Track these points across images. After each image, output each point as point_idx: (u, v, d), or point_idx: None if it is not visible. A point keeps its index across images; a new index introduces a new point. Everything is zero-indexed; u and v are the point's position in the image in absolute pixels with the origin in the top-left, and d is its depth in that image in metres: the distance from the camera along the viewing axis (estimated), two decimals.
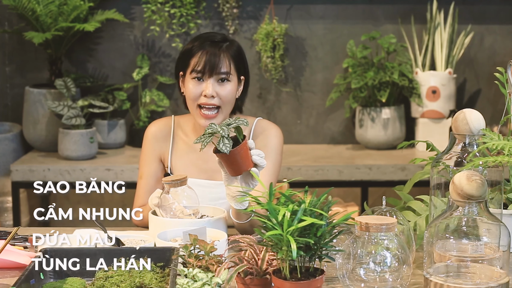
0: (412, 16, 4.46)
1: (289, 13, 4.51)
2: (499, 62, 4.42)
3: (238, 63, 2.65)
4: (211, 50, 2.60)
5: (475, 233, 1.90)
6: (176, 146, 2.74)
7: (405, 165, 4.11)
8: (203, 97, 2.60)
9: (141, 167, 2.76)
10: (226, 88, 2.61)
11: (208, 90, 2.59)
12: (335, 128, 4.60)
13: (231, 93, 2.62)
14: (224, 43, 2.63)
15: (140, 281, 1.97)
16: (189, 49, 2.64)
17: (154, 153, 2.75)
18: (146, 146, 2.76)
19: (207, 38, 2.65)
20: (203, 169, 2.71)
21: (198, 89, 2.61)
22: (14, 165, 4.12)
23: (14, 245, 2.35)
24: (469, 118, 2.14)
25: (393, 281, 1.88)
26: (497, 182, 2.15)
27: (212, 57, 2.59)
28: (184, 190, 2.44)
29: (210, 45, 2.62)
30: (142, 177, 2.74)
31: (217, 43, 2.63)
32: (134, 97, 4.52)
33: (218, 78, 2.60)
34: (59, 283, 2.00)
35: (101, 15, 4.34)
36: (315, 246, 1.81)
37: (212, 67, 2.59)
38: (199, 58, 2.60)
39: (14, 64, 4.55)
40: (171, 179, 2.42)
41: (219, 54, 2.60)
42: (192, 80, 2.62)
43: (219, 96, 2.60)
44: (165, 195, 2.45)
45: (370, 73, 4.26)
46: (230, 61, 2.61)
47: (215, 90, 2.59)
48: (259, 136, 2.72)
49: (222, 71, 2.60)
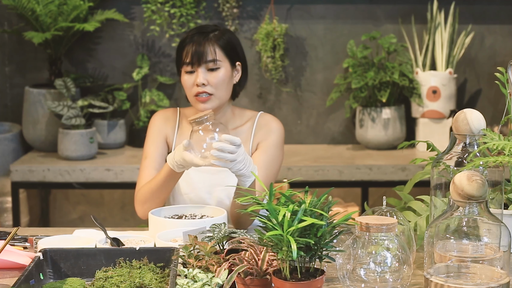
0: (413, 16, 4.46)
1: (289, 13, 4.50)
2: (500, 62, 4.42)
3: (228, 50, 2.70)
4: (198, 40, 2.68)
5: (476, 234, 1.90)
6: (181, 132, 2.79)
7: (406, 165, 4.10)
8: (196, 86, 2.67)
9: (146, 147, 2.78)
10: (217, 75, 2.67)
11: (198, 79, 2.65)
12: (335, 128, 4.60)
13: (223, 80, 2.68)
14: (212, 33, 2.70)
15: (140, 282, 1.97)
16: (180, 43, 2.73)
17: (161, 135, 2.79)
18: (153, 128, 2.81)
19: (197, 30, 2.74)
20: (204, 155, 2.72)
21: (191, 79, 2.68)
22: (14, 165, 4.11)
23: (13, 246, 2.35)
24: (470, 118, 2.13)
25: (393, 282, 1.88)
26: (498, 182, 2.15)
27: (197, 47, 2.66)
28: (214, 124, 2.46)
29: (198, 36, 2.69)
30: (147, 157, 2.75)
31: (204, 33, 2.70)
32: (134, 97, 4.52)
33: (207, 67, 2.67)
34: (58, 283, 2.00)
35: (101, 15, 4.34)
36: (316, 246, 1.81)
37: (199, 56, 2.66)
38: (187, 50, 2.68)
39: (13, 64, 4.54)
40: (198, 117, 2.45)
41: (204, 43, 2.67)
42: (185, 73, 2.70)
43: (210, 84, 2.66)
44: (195, 134, 2.45)
45: (371, 73, 4.26)
46: (216, 48, 2.67)
47: (205, 78, 2.66)
48: (261, 130, 2.77)
49: (208, 59, 2.66)
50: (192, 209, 2.57)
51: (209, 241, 2.05)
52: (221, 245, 2.08)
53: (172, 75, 4.51)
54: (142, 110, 4.43)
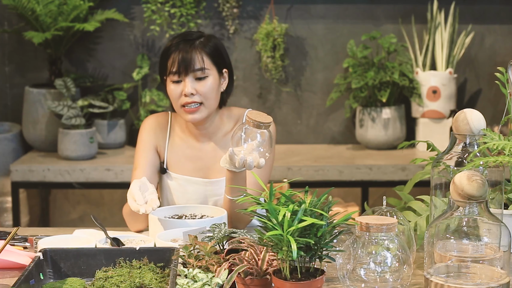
0: (413, 16, 4.46)
1: (289, 13, 4.50)
2: (500, 62, 4.42)
3: (215, 57, 2.63)
4: (184, 48, 2.60)
5: (476, 234, 1.90)
6: (172, 141, 2.74)
7: (406, 165, 4.10)
8: (183, 97, 2.60)
9: (137, 158, 2.72)
10: (205, 84, 2.60)
11: (186, 89, 2.59)
12: (335, 128, 4.60)
13: (211, 88, 2.61)
14: (198, 40, 2.63)
15: (140, 282, 1.97)
16: (165, 51, 2.65)
17: (151, 143, 2.73)
18: (143, 136, 2.74)
19: (181, 37, 2.65)
20: (198, 166, 2.70)
21: (178, 89, 2.61)
22: (14, 165, 4.11)
23: (13, 245, 2.34)
24: (470, 118, 2.13)
25: (393, 282, 1.88)
26: (498, 182, 2.15)
27: (184, 55, 2.59)
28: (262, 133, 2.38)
29: (184, 43, 2.62)
30: (137, 168, 2.69)
31: (190, 41, 2.62)
32: (134, 97, 4.52)
33: (194, 76, 2.60)
34: (58, 283, 2.00)
35: (101, 15, 4.34)
36: (316, 246, 1.81)
37: (186, 65, 2.59)
38: (173, 58, 2.61)
39: (13, 64, 4.54)
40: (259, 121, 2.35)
41: (190, 51, 2.59)
42: (171, 82, 2.62)
43: (199, 93, 2.60)
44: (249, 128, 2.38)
45: (371, 73, 4.26)
46: (204, 56, 2.60)
47: (194, 88, 2.59)
48: None
49: (196, 68, 2.59)
50: (192, 209, 2.57)
51: (209, 241, 2.05)
52: (221, 245, 2.07)
53: None
54: (142, 110, 4.43)
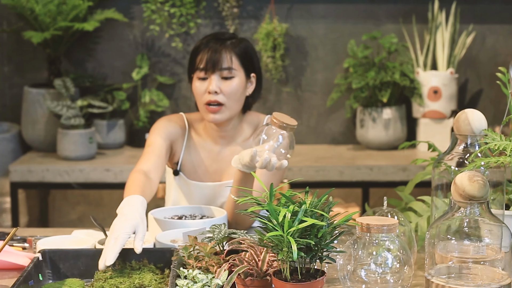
0: (414, 15, 4.45)
1: (289, 13, 4.50)
2: (501, 62, 4.41)
3: (244, 59, 2.62)
4: (214, 46, 2.60)
5: (477, 234, 1.89)
6: (189, 144, 2.72)
7: (407, 165, 4.10)
8: (207, 94, 2.59)
9: (151, 138, 2.63)
10: (230, 84, 2.59)
11: (211, 86, 2.57)
12: (336, 128, 4.59)
13: (236, 90, 2.60)
14: (229, 40, 2.62)
15: (140, 282, 1.96)
16: (195, 49, 2.64)
17: (168, 139, 2.66)
18: (162, 129, 2.66)
19: (213, 36, 2.65)
20: (212, 169, 2.70)
21: (203, 86, 2.60)
22: (13, 165, 4.10)
23: (12, 246, 2.34)
24: (471, 118, 2.13)
25: (394, 283, 1.87)
26: (499, 182, 2.14)
27: (213, 53, 2.58)
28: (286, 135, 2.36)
29: (214, 42, 2.61)
30: (151, 145, 2.60)
31: (221, 40, 2.62)
32: (134, 97, 4.51)
33: (221, 75, 2.59)
34: (57, 284, 1.99)
35: (100, 15, 4.33)
36: (316, 247, 1.80)
37: (214, 63, 2.57)
38: (202, 56, 2.60)
39: (12, 64, 4.54)
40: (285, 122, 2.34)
41: (220, 49, 2.58)
42: (197, 79, 2.61)
43: (223, 92, 2.58)
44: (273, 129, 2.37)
45: (371, 73, 4.25)
46: (233, 56, 2.59)
47: (218, 86, 2.58)
48: None
49: (223, 67, 2.58)
50: (192, 209, 2.57)
51: (209, 241, 2.04)
52: (221, 245, 2.07)
53: (172, 75, 4.50)
54: (141, 110, 4.42)
